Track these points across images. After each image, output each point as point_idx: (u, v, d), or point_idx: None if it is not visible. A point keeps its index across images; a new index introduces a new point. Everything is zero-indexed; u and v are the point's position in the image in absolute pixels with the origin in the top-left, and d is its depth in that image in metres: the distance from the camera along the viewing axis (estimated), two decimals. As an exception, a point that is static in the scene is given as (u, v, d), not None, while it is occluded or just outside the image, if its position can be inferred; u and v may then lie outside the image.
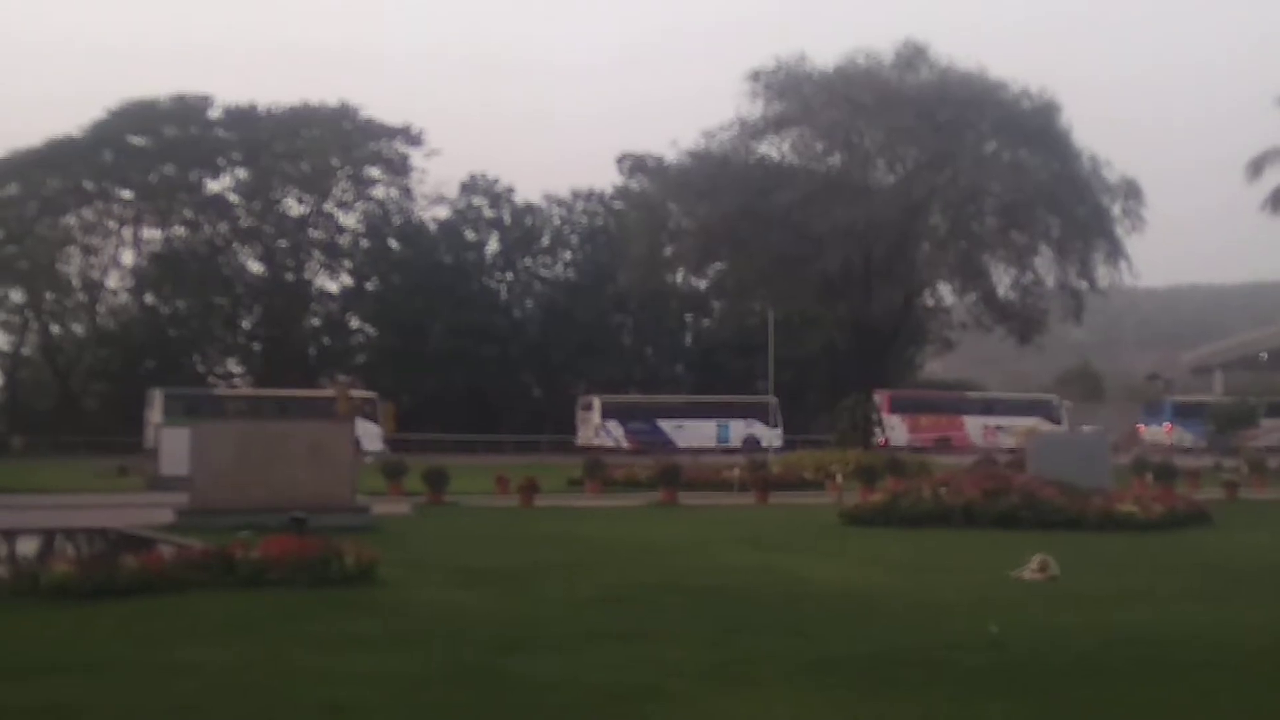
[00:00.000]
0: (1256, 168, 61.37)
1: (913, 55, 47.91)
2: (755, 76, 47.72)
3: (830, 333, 57.41)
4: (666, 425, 60.09)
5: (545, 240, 73.99)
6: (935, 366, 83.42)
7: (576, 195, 74.01)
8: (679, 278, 61.11)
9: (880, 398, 67.12)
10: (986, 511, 20.90)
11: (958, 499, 21.48)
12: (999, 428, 50.70)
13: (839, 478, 28.67)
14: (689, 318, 74.12)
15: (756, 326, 56.34)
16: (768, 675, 8.75)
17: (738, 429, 58.28)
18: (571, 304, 69.87)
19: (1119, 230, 47.68)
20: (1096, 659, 9.39)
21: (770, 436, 57.85)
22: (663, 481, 28.07)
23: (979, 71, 47.37)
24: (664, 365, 75.19)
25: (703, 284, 63.81)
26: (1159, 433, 67.22)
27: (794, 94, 47.49)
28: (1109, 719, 7.69)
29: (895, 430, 64.68)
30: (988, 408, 65.71)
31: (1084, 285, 48.16)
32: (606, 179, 75.74)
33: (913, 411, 66.54)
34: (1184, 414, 68.09)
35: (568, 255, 74.60)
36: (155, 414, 53.67)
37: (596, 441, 58.21)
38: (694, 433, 54.15)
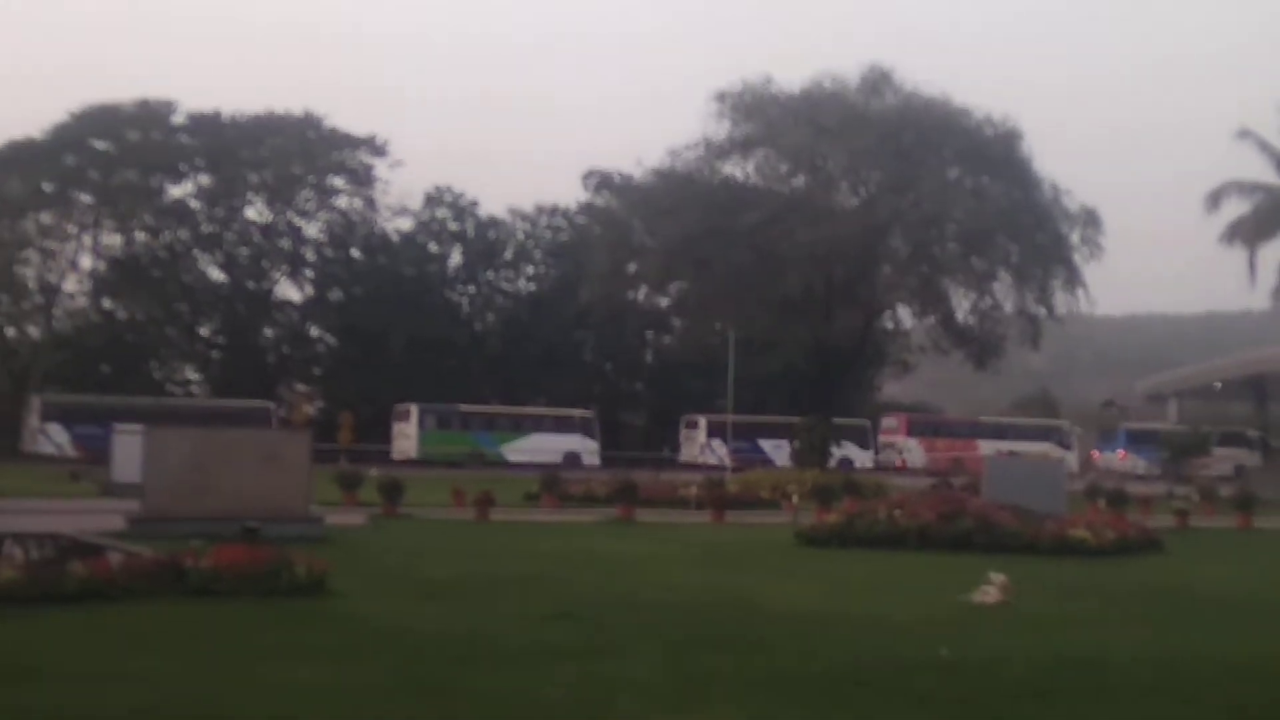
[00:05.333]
0: (1215, 200, 62.01)
1: (878, 80, 47.97)
2: (721, 98, 47.64)
3: (790, 353, 57.51)
4: (767, 444, 61.75)
5: (508, 254, 73.91)
6: (894, 389, 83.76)
7: (541, 210, 74.07)
8: (641, 295, 61.04)
9: (898, 421, 68.38)
10: (941, 534, 21.01)
11: (913, 521, 21.57)
12: (1012, 452, 51.36)
13: (795, 498, 28.74)
14: (650, 335, 74.11)
15: (717, 346, 56.35)
16: (721, 693, 8.75)
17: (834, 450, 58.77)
18: (533, 318, 69.81)
19: (1077, 258, 47.89)
20: (1045, 683, 9.44)
21: (863, 458, 62.95)
22: (620, 498, 28.05)
23: (942, 98, 47.50)
24: (624, 381, 75.29)
25: (664, 302, 63.80)
26: (1113, 459, 67.95)
27: (759, 116, 47.45)
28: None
29: (912, 453, 65.96)
30: (1001, 433, 67.53)
31: (1042, 312, 48.24)
32: (571, 196, 75.60)
33: (929, 435, 68.18)
34: (1138, 441, 68.94)
35: (530, 270, 74.59)
36: (411, 427, 58.68)
37: (702, 459, 59.47)
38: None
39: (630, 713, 8.09)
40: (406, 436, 59.32)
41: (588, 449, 60.77)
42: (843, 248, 44.77)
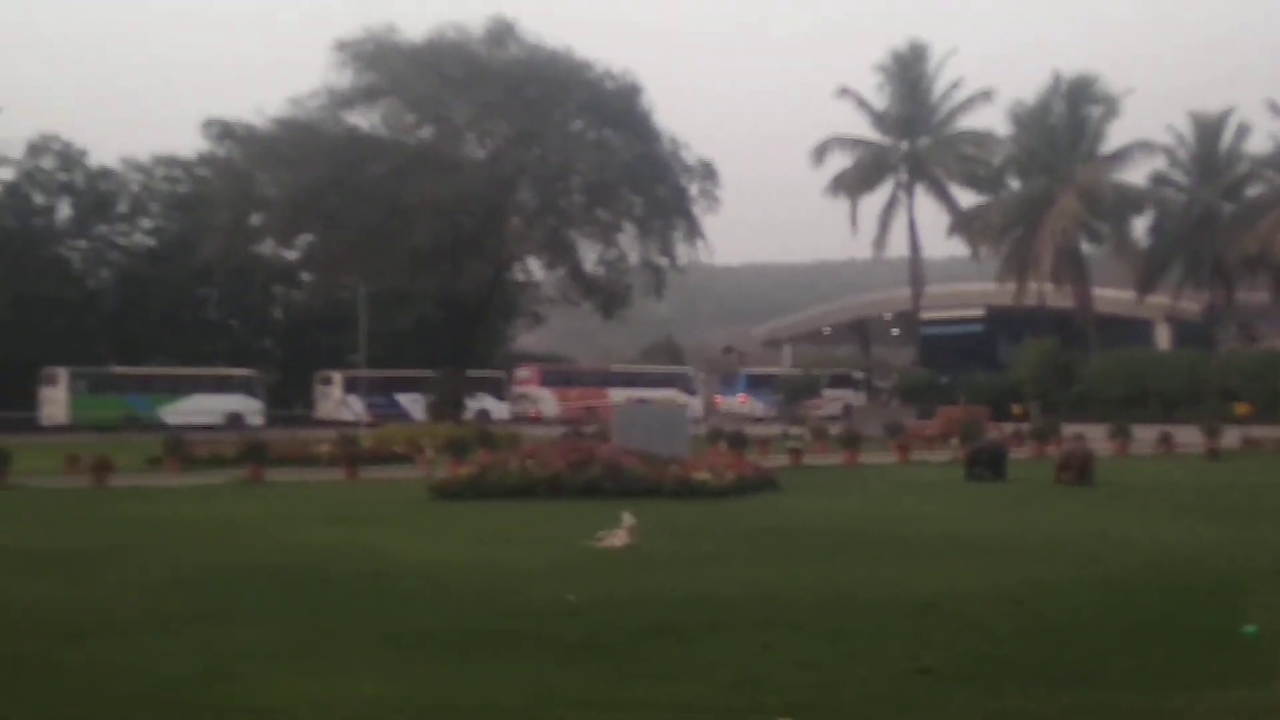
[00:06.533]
0: (820, 154, 66.00)
1: (502, 31, 48.13)
2: (342, 46, 46.64)
3: (422, 306, 57.25)
4: (404, 399, 61.19)
5: (123, 207, 70.06)
6: (528, 340, 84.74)
7: (158, 161, 70.45)
8: (267, 249, 59.21)
9: (531, 371, 69.12)
10: (571, 482, 21.50)
11: (544, 470, 21.98)
12: (640, 399, 52.79)
13: (429, 451, 28.74)
14: (278, 290, 72.15)
15: (348, 300, 55.55)
16: (347, 652, 8.70)
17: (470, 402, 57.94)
18: (152, 274, 66.54)
19: (696, 210, 49.70)
20: (669, 620, 9.86)
21: (499, 409, 63.14)
22: (248, 458, 27.30)
23: (566, 51, 48.19)
24: (252, 338, 73.02)
25: (292, 256, 62.14)
26: (734, 403, 71.28)
27: (383, 65, 46.71)
28: (680, 676, 8.08)
29: (546, 402, 66.66)
30: (630, 380, 69.21)
31: (665, 262, 49.82)
32: (190, 147, 72.09)
33: (562, 384, 69.17)
34: (756, 385, 72.63)
35: (148, 223, 70.98)
36: (61, 391, 57.22)
37: (338, 416, 58.36)
38: None
39: (249, 676, 7.92)
40: (55, 402, 57.06)
41: (251, 409, 59.68)
42: (470, 200, 44.79)
